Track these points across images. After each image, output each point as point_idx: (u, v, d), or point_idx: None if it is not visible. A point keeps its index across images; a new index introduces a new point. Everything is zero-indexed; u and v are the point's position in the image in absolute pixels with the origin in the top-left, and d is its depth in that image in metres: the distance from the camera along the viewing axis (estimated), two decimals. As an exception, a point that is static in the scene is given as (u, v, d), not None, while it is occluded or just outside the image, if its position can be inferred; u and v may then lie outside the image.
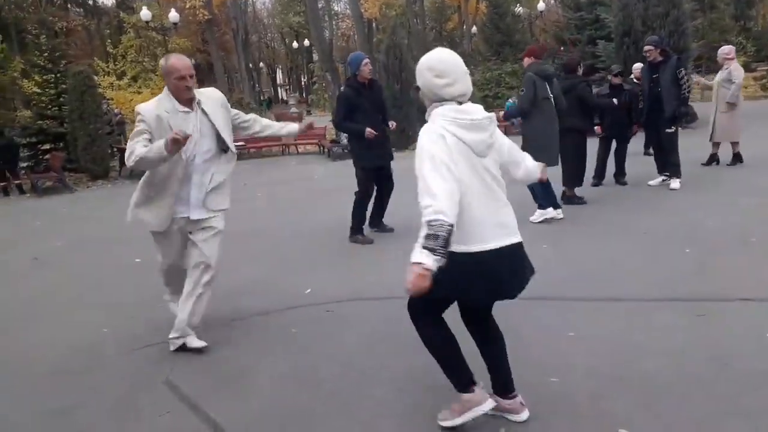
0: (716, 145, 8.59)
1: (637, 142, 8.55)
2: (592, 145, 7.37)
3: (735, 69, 8.30)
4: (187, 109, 3.57)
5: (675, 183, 7.32)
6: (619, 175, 8.02)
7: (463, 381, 2.58)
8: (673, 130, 7.20)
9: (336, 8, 53.58)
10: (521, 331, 3.40)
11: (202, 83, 36.94)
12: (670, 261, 4.71)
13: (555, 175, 5.74)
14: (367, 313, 4.16)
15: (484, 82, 19.35)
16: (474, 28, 30.61)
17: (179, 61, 3.53)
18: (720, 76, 8.48)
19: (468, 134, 2.35)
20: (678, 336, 3.38)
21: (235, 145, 3.87)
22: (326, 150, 16.04)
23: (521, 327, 3.46)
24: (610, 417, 2.65)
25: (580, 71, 7.41)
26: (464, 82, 2.41)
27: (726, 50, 8.62)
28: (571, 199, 6.98)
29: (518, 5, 31.44)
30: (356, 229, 6.16)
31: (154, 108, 3.52)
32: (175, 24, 26.24)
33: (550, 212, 6.23)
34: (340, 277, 5.03)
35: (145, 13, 23.07)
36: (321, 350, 3.65)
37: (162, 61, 3.64)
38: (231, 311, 4.41)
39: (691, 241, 5.12)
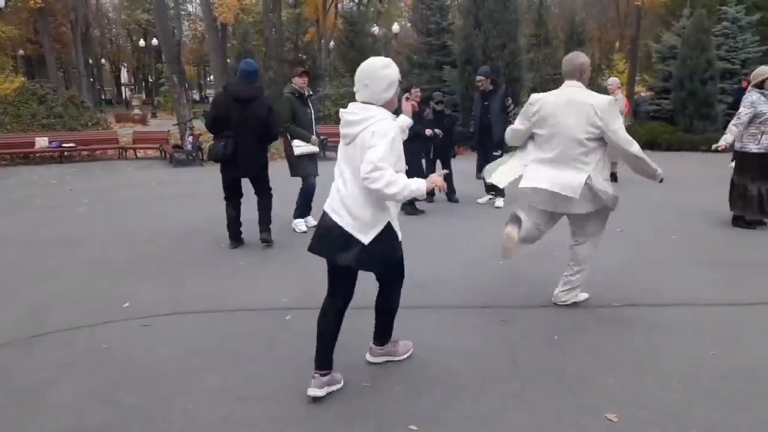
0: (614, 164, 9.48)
1: (471, 164, 9.13)
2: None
3: (621, 99, 9.83)
4: None
5: (499, 201, 7.98)
6: (450, 192, 8.55)
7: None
8: (499, 153, 7.83)
9: (190, 8, 51.52)
10: (342, 339, 3.48)
11: (32, 76, 33.51)
12: (484, 271, 5.11)
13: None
14: (186, 327, 4.01)
15: (338, 97, 19.68)
16: (332, 43, 31.05)
17: None
18: None
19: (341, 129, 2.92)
20: (480, 338, 3.68)
21: (66, 146, 3.54)
22: (168, 155, 15.22)
23: (343, 334, 3.54)
24: (410, 416, 2.81)
25: (412, 95, 7.76)
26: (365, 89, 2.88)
27: (611, 81, 10.15)
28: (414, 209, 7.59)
29: (375, 25, 32.42)
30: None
31: None
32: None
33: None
34: (163, 290, 4.79)
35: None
36: (132, 365, 3.44)
37: None
38: (35, 326, 4.01)
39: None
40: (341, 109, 2.93)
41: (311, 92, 6.80)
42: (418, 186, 2.80)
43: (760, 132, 5.99)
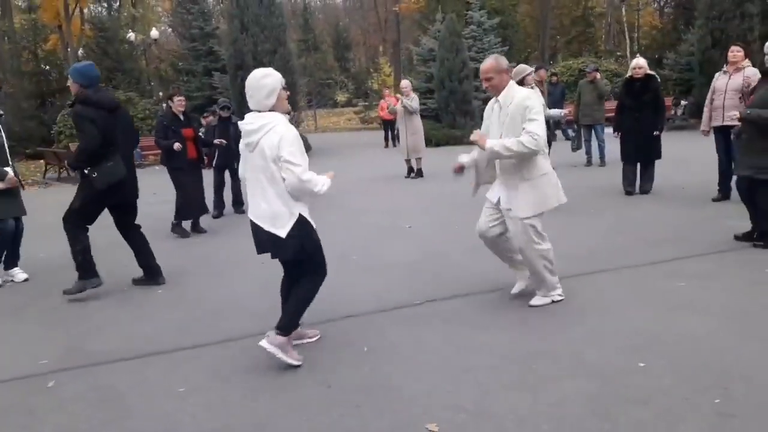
0: (408, 161, 10.40)
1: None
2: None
3: (415, 98, 10.23)
4: None
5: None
6: (237, 204, 8.09)
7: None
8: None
9: None
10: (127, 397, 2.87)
11: None
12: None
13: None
14: None
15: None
16: (80, 51, 27.76)
17: None
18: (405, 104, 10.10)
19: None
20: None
21: None
22: None
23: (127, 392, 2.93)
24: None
25: (174, 103, 7.05)
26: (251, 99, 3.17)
27: (405, 84, 10.33)
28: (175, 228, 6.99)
29: (130, 31, 29.80)
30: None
31: None
32: None
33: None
34: None
35: None
36: None
37: None
38: None
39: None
40: (239, 121, 3.24)
41: (1, 113, 5.51)
42: (325, 180, 3.21)
43: None
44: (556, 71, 15.50)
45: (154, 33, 25.21)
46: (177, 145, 6.71)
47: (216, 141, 7.65)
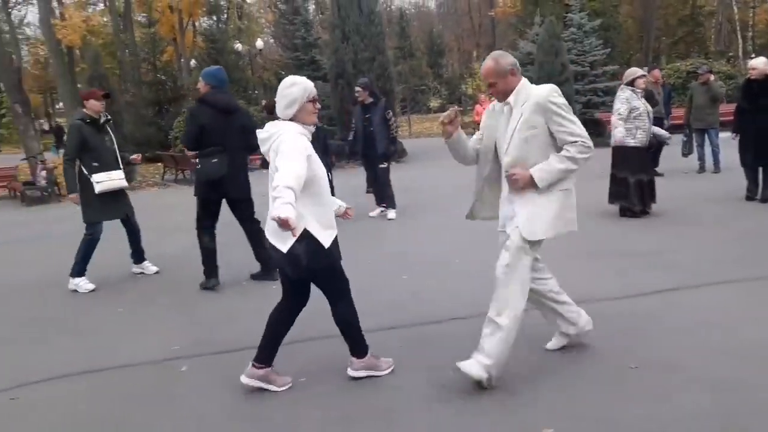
0: None
1: (354, 178, 9.03)
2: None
3: None
4: None
5: (392, 213, 7.89)
6: None
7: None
8: (385, 165, 7.80)
9: (29, 32, 47.03)
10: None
11: None
12: (389, 287, 4.92)
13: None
14: (62, 396, 3.41)
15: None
16: (193, 62, 29.71)
17: None
18: None
19: None
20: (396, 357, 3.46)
21: None
22: (18, 194, 13.60)
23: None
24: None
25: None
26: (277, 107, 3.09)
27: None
28: None
29: (237, 42, 31.54)
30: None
31: None
32: None
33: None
34: (28, 354, 4.10)
35: None
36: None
37: None
38: None
39: (406, 267, 5.48)
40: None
41: (108, 117, 5.75)
42: (286, 210, 2.56)
43: (635, 127, 6.43)
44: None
45: (259, 43, 26.57)
46: None
47: None
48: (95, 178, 5.39)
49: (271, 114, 7.10)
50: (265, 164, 3.45)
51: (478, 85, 35.11)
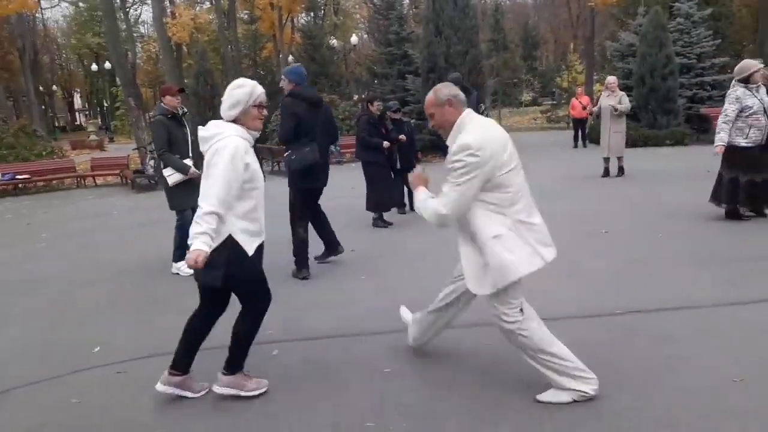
0: (608, 159, 10.18)
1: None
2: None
3: (623, 95, 9.93)
4: None
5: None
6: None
7: None
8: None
9: (142, 30, 50.55)
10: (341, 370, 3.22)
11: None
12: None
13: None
14: (163, 371, 3.64)
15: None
16: (290, 58, 30.75)
17: None
18: (606, 101, 9.91)
19: None
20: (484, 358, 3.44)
21: (20, 178, 3.26)
22: (129, 181, 14.67)
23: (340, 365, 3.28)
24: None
25: (374, 107, 7.47)
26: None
27: (611, 80, 10.16)
28: (377, 222, 7.50)
29: (332, 38, 32.30)
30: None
31: None
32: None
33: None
34: (136, 331, 4.43)
35: None
36: (109, 420, 3.10)
37: None
38: (-7, 383, 3.61)
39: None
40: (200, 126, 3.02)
41: (185, 110, 6.00)
42: (195, 245, 2.75)
43: (747, 125, 5.98)
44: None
45: (354, 39, 27.05)
46: (386, 144, 7.35)
47: (386, 144, 7.54)
48: (166, 171, 5.70)
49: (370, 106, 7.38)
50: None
51: (575, 77, 33.91)
